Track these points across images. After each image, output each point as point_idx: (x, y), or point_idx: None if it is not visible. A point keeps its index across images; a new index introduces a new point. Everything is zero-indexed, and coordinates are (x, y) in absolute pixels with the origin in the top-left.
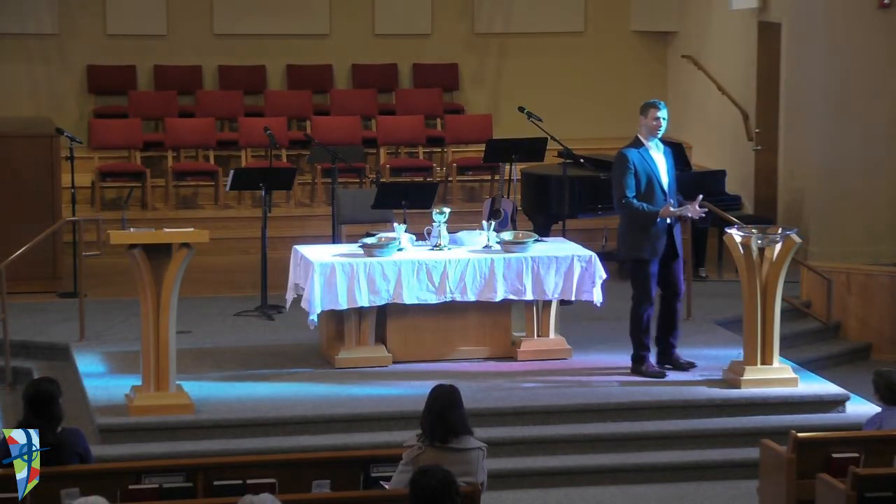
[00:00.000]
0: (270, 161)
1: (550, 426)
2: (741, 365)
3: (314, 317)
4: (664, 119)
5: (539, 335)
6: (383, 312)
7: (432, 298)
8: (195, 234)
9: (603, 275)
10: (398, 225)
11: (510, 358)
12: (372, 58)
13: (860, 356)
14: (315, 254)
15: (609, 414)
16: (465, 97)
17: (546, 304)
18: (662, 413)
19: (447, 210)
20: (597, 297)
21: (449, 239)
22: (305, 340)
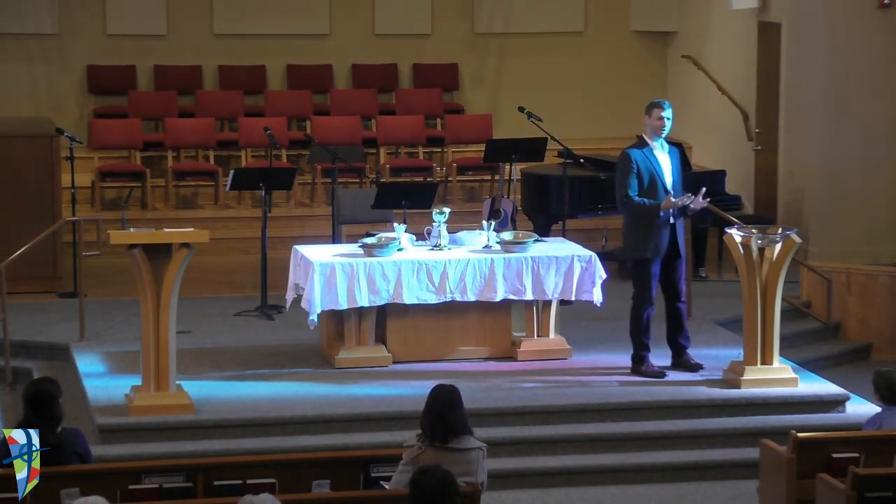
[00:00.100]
0: (270, 161)
1: (550, 426)
2: (741, 365)
3: (314, 317)
4: (668, 119)
5: (539, 335)
6: (383, 312)
7: (432, 298)
8: (195, 234)
9: (603, 275)
10: (398, 225)
11: (510, 358)
12: (372, 58)
13: (860, 356)
14: (315, 254)
15: (609, 414)
16: (465, 97)
17: (546, 304)
18: (662, 413)
19: (447, 210)
20: (597, 297)
21: (449, 239)
22: (305, 340)
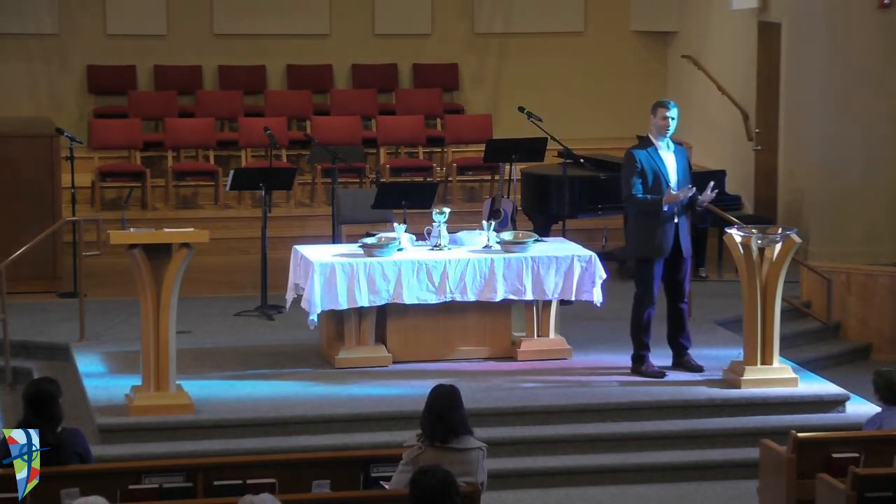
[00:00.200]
0: (270, 161)
1: (550, 426)
2: (741, 365)
3: (314, 317)
4: (673, 119)
5: (539, 335)
6: (383, 312)
7: (432, 298)
8: (195, 234)
9: (603, 275)
10: (398, 225)
11: (510, 358)
12: (372, 58)
13: (860, 356)
14: (315, 254)
15: (609, 414)
16: (465, 97)
17: (546, 304)
18: (662, 413)
19: (447, 210)
20: (597, 297)
21: (449, 239)
22: (305, 340)
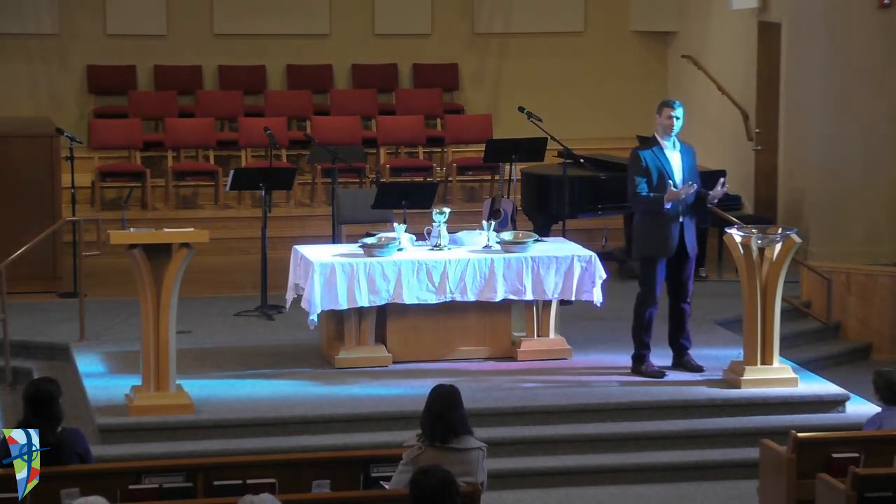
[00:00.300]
0: (270, 161)
1: (550, 426)
2: (741, 365)
3: (314, 317)
4: (677, 118)
5: (539, 335)
6: (383, 312)
7: (432, 298)
8: (195, 234)
9: (603, 275)
10: (398, 225)
11: (510, 358)
12: (372, 58)
13: (860, 356)
14: (315, 254)
15: (609, 414)
16: (465, 97)
17: (546, 304)
18: (662, 413)
19: (447, 210)
20: (597, 297)
21: (449, 239)
22: (305, 340)
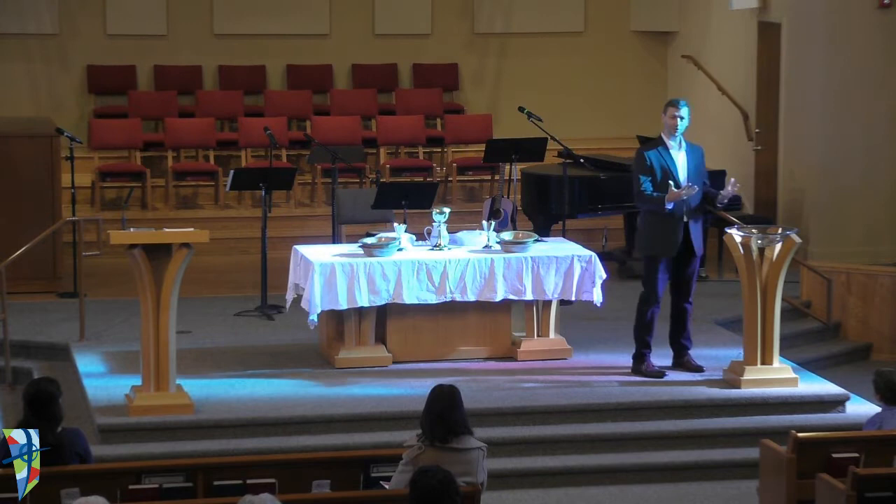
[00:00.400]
0: (270, 161)
1: (550, 426)
2: (741, 365)
3: (314, 317)
4: (681, 118)
5: (539, 335)
6: (383, 312)
7: (432, 298)
8: (195, 234)
9: (603, 275)
10: (398, 225)
11: (510, 358)
12: (372, 58)
13: (860, 356)
14: (315, 254)
15: (609, 414)
16: (465, 97)
17: (546, 304)
18: (662, 413)
19: (447, 210)
20: (597, 297)
21: (449, 239)
22: (305, 340)
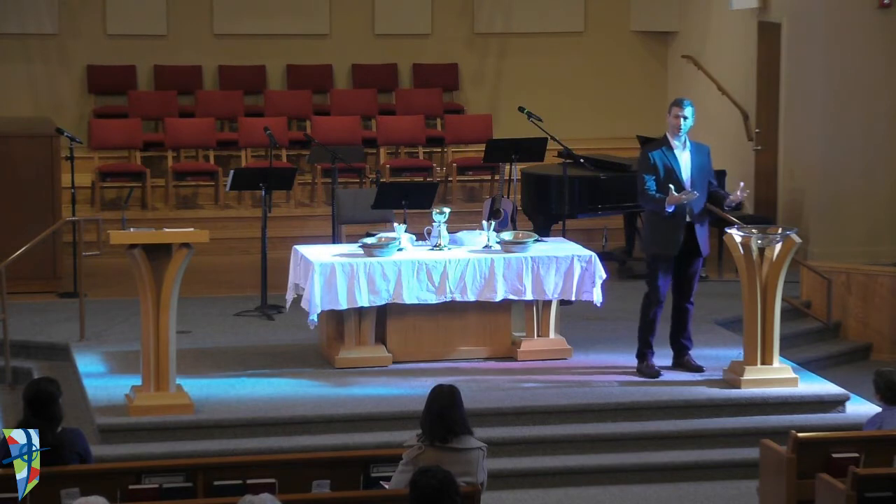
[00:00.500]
0: (270, 161)
1: (550, 426)
2: (741, 365)
3: (314, 317)
4: (685, 118)
5: (539, 335)
6: (383, 312)
7: (432, 298)
8: (195, 234)
9: (603, 275)
10: (398, 225)
11: (510, 358)
12: (372, 58)
13: (860, 356)
14: (315, 254)
15: (609, 414)
16: (465, 97)
17: (546, 304)
18: (662, 413)
19: (447, 210)
20: (597, 297)
21: (449, 239)
22: (305, 340)
